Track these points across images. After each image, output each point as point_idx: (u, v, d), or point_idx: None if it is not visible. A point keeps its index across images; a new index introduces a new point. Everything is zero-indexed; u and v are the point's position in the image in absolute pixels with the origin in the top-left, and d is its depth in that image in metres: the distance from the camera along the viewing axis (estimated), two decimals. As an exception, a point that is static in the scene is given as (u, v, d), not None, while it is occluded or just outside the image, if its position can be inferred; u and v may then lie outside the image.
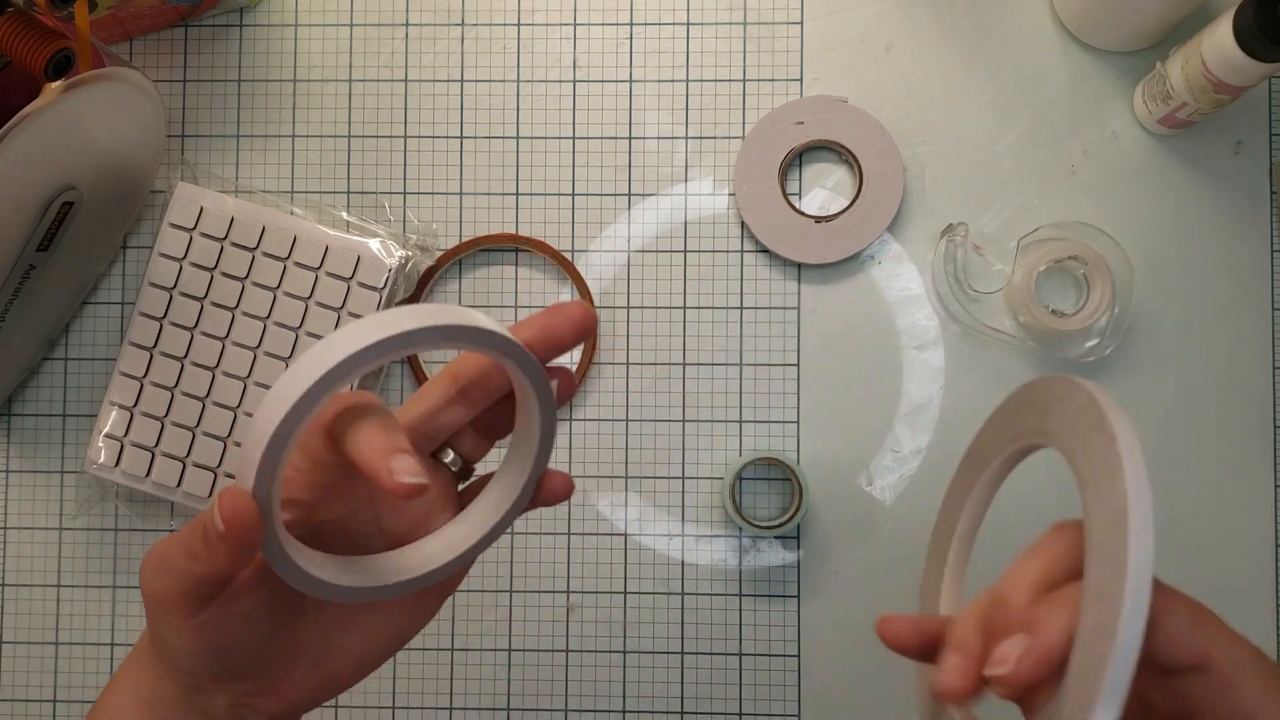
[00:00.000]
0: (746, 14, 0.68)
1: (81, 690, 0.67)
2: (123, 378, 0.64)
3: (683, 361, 0.67)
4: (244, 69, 0.69)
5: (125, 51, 0.69)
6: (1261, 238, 0.66)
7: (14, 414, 0.69)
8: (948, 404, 0.66)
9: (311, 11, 0.69)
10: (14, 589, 0.68)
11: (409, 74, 0.68)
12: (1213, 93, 0.59)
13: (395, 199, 0.68)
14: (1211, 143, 0.66)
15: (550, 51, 0.68)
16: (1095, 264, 0.63)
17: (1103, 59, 0.67)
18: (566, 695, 0.66)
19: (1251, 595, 0.65)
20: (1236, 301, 0.66)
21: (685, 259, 0.67)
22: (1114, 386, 0.66)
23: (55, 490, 0.68)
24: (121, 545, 0.68)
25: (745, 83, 0.68)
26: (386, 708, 0.66)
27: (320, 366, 0.31)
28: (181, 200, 0.65)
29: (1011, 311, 0.66)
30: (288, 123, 0.68)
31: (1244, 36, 0.55)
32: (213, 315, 0.64)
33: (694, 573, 0.66)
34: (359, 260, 0.64)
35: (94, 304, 0.68)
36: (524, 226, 0.68)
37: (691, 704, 0.66)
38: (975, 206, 0.67)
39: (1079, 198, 0.66)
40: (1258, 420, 0.65)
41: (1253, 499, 0.65)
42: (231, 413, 0.64)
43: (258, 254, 0.64)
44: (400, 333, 0.32)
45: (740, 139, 0.67)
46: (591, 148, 0.68)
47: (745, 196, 0.66)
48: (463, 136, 0.68)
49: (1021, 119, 0.67)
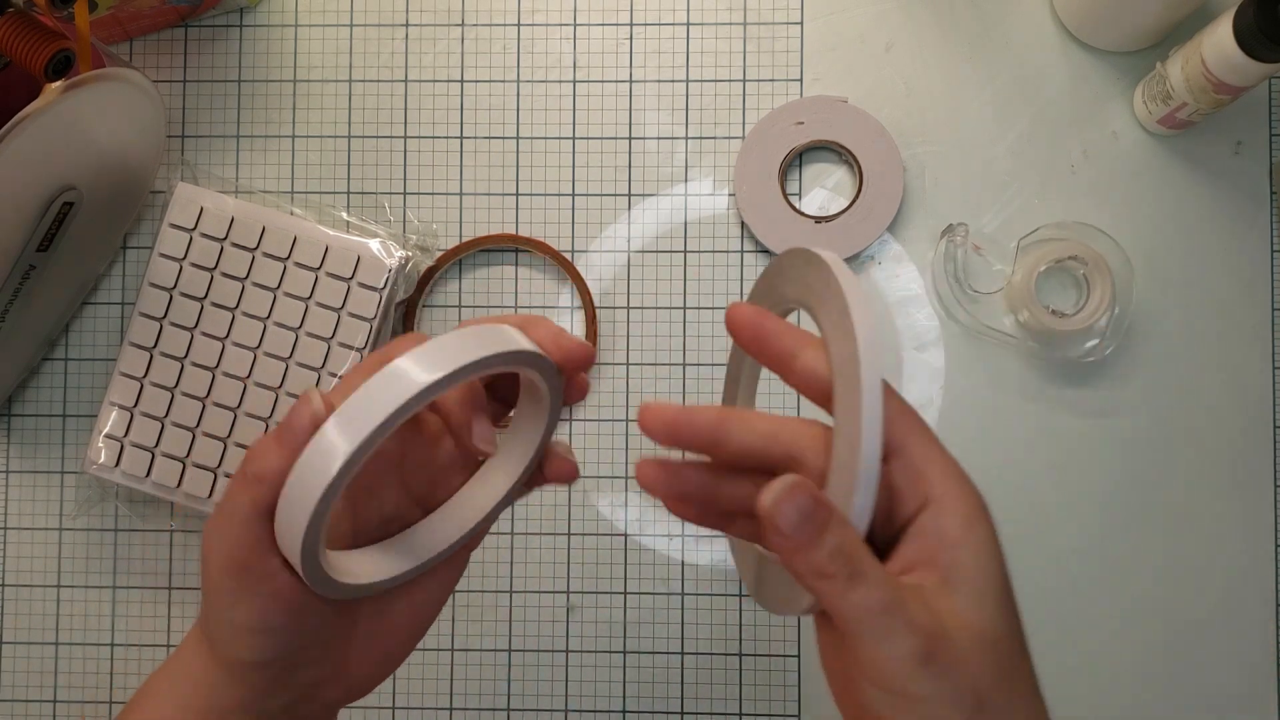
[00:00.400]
0: (746, 14, 0.68)
1: (81, 690, 0.67)
2: (123, 378, 0.64)
3: (683, 362, 0.67)
4: (244, 69, 0.69)
5: (125, 52, 0.69)
6: (1261, 238, 0.66)
7: (14, 414, 0.69)
8: (948, 404, 0.66)
9: (311, 11, 0.69)
10: (14, 589, 0.68)
11: (409, 74, 0.68)
12: (1213, 93, 0.59)
13: (395, 199, 0.68)
14: (1211, 143, 0.66)
15: (550, 51, 0.68)
16: (1095, 264, 0.63)
17: (1103, 59, 0.67)
18: (566, 695, 0.66)
19: (1251, 595, 0.65)
20: (1236, 301, 0.66)
21: (685, 259, 0.67)
22: (1114, 386, 0.66)
23: (55, 490, 0.68)
24: (121, 546, 0.68)
25: (745, 83, 0.68)
26: (386, 708, 0.66)
27: (383, 406, 0.31)
28: (181, 200, 0.65)
29: (1011, 312, 0.66)
30: (288, 123, 0.68)
31: (1244, 37, 0.55)
32: (213, 315, 0.64)
33: (694, 573, 0.66)
34: (359, 260, 0.64)
35: (94, 304, 0.68)
36: (524, 227, 0.68)
37: (691, 704, 0.66)
38: (975, 206, 0.67)
39: (1079, 198, 0.66)
40: (1257, 420, 0.65)
41: (1252, 499, 0.65)
42: (231, 413, 0.64)
43: (258, 254, 0.64)
44: (468, 363, 0.32)
45: (740, 139, 0.67)
46: (591, 148, 0.68)
47: (745, 197, 0.66)
48: (463, 136, 0.68)
49: (1021, 119, 0.67)
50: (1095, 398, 0.66)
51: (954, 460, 0.34)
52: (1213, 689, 0.65)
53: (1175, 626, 0.65)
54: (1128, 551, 0.65)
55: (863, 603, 0.31)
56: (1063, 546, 0.65)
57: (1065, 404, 0.66)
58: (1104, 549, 0.65)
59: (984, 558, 0.33)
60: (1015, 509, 0.66)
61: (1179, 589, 0.65)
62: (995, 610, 0.32)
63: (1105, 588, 0.65)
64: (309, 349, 0.63)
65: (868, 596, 0.31)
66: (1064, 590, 0.65)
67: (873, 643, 0.31)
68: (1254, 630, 0.65)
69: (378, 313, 0.63)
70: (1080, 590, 0.65)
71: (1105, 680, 0.65)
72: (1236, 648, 0.65)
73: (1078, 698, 0.65)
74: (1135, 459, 0.66)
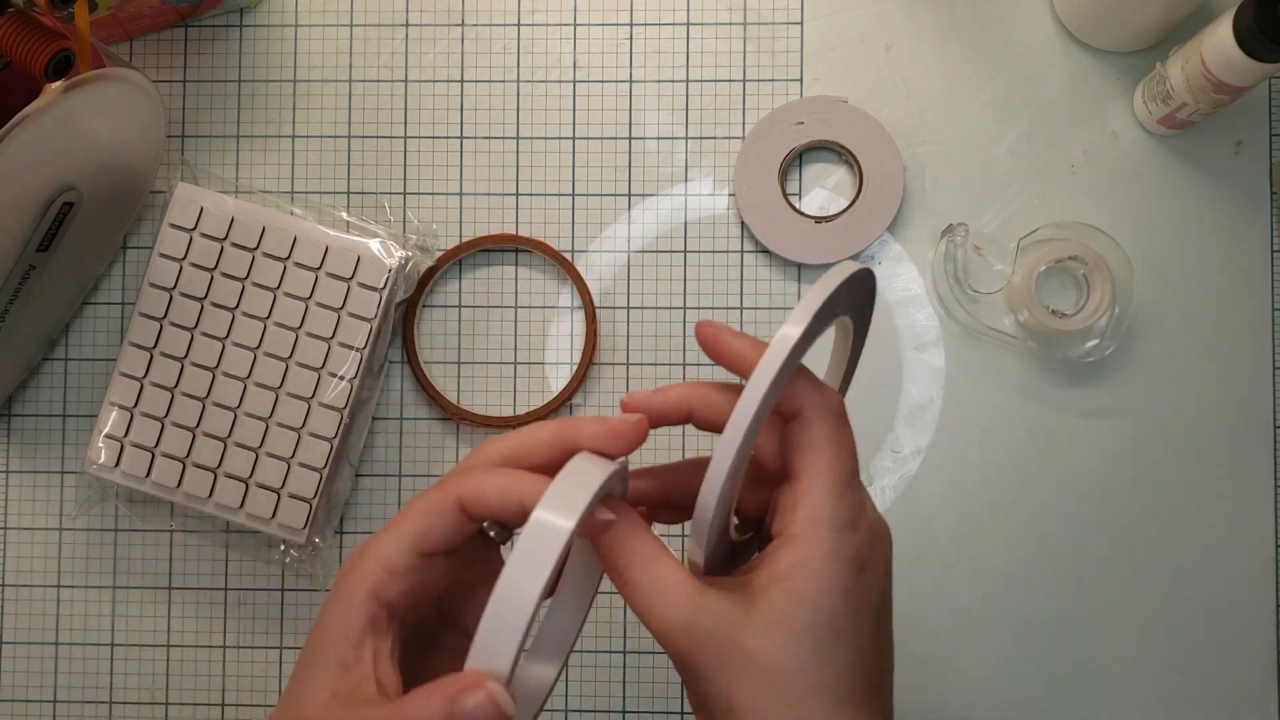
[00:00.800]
0: (746, 14, 0.68)
1: (81, 690, 0.67)
2: (123, 378, 0.64)
3: (683, 362, 0.67)
4: (244, 69, 0.69)
5: (125, 52, 0.69)
6: (1261, 238, 0.66)
7: (14, 414, 0.69)
8: (948, 404, 0.66)
9: (311, 11, 0.69)
10: (14, 589, 0.68)
11: (409, 74, 0.68)
12: (1213, 93, 0.59)
13: (395, 199, 0.68)
14: (1211, 143, 0.66)
15: (550, 51, 0.68)
16: (1095, 264, 0.63)
17: (1103, 59, 0.67)
18: (566, 695, 0.66)
19: (1252, 595, 0.65)
20: (1237, 301, 0.66)
21: (685, 259, 0.67)
22: (1114, 386, 0.66)
23: (55, 491, 0.68)
24: (121, 546, 0.68)
25: (745, 83, 0.68)
26: (386, 708, 0.66)
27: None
28: (181, 200, 0.65)
29: (1012, 312, 0.66)
30: (288, 123, 0.68)
31: (1244, 37, 0.55)
32: (213, 316, 0.64)
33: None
34: (359, 260, 0.64)
35: (94, 304, 0.68)
36: (524, 227, 0.68)
37: (691, 704, 0.66)
38: (975, 206, 0.67)
39: (1079, 198, 0.66)
40: (1258, 420, 0.65)
41: (1253, 499, 0.65)
42: (231, 413, 0.64)
43: (258, 254, 0.64)
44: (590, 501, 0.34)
45: (740, 139, 0.67)
46: (591, 148, 0.68)
47: (745, 197, 0.66)
48: (463, 136, 0.68)
49: (1021, 119, 0.67)
50: (1095, 398, 0.66)
51: (837, 489, 0.36)
52: (1214, 688, 0.65)
53: (1176, 626, 0.65)
54: (1128, 551, 0.65)
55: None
56: (1063, 546, 0.65)
57: (1065, 404, 0.66)
58: (1104, 549, 0.65)
59: (808, 603, 0.35)
60: (1015, 509, 0.66)
61: (1180, 588, 0.65)
62: (795, 646, 0.34)
63: (1105, 587, 0.65)
64: (309, 349, 0.63)
65: (629, 595, 0.37)
66: (1064, 590, 0.65)
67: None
68: (1255, 629, 0.65)
69: (378, 313, 0.63)
70: (1080, 589, 0.65)
71: (1106, 679, 0.65)
72: (1237, 647, 0.65)
73: (1078, 696, 0.65)
74: (1135, 459, 0.66)
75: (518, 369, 0.67)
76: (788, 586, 0.35)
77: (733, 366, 0.38)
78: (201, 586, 0.67)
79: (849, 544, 0.35)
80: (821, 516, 0.35)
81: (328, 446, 0.63)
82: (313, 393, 0.63)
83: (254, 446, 0.63)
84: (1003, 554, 0.66)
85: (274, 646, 0.67)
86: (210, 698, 0.67)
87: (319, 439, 0.63)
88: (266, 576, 0.67)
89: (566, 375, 0.67)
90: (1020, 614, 0.65)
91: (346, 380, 0.63)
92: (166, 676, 0.67)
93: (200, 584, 0.67)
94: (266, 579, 0.67)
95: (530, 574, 0.32)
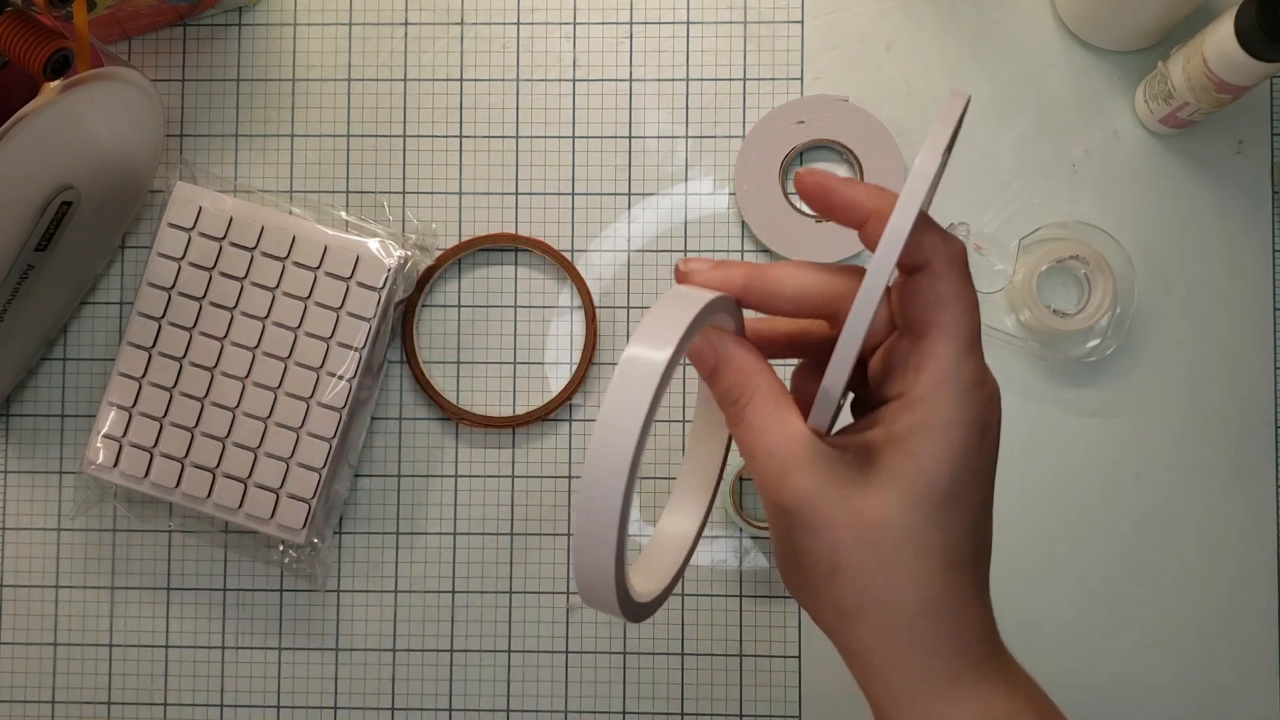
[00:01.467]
0: (746, 13, 0.68)
1: (79, 691, 0.67)
2: (121, 378, 0.64)
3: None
4: (243, 68, 0.69)
5: (124, 51, 0.69)
6: (1263, 238, 0.66)
7: (12, 414, 0.68)
8: (948, 404, 0.66)
9: (310, 11, 0.68)
10: (12, 589, 0.68)
11: (408, 73, 0.68)
12: (1214, 92, 0.59)
13: (394, 199, 0.68)
14: (1213, 142, 0.66)
15: (550, 51, 0.68)
16: (1097, 264, 0.63)
17: (1104, 58, 0.67)
18: (566, 696, 0.66)
19: (1253, 595, 0.65)
20: (1238, 301, 0.66)
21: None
22: (1116, 386, 0.66)
23: (54, 491, 0.68)
24: (120, 546, 0.68)
25: (745, 82, 0.68)
26: (386, 709, 0.66)
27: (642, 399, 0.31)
28: (180, 200, 0.65)
29: (1013, 311, 0.66)
30: (287, 122, 0.68)
31: (1245, 36, 0.55)
32: (211, 315, 0.64)
33: (694, 573, 0.66)
34: (358, 260, 0.63)
35: (93, 304, 0.68)
36: (524, 226, 0.67)
37: (691, 705, 0.66)
38: (976, 206, 0.66)
39: (1080, 197, 0.66)
40: (1259, 419, 0.65)
41: (1254, 498, 0.65)
42: (230, 413, 0.63)
43: (256, 254, 0.64)
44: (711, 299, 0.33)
45: (740, 138, 0.67)
46: (591, 147, 0.68)
47: (745, 196, 0.66)
48: (462, 136, 0.68)
49: (1022, 118, 0.67)
50: (1097, 397, 0.66)
51: (965, 354, 0.34)
52: (1215, 686, 0.65)
53: (1177, 624, 0.65)
54: (1130, 550, 0.65)
55: (739, 438, 0.35)
56: (1064, 546, 0.65)
57: (1066, 404, 0.66)
58: (1105, 548, 0.65)
59: (929, 467, 0.34)
60: (1016, 509, 0.65)
61: (1181, 588, 0.65)
62: (908, 511, 0.33)
63: (1106, 586, 0.65)
64: (308, 349, 0.63)
65: (742, 435, 0.35)
66: (1065, 589, 0.65)
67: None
68: (1256, 629, 0.65)
69: (377, 312, 0.63)
70: (1081, 589, 0.65)
71: (1107, 678, 0.65)
72: (1238, 646, 0.65)
73: (1079, 695, 0.64)
74: (1137, 458, 0.66)
75: (517, 369, 0.67)
76: (908, 449, 0.33)
77: (845, 217, 0.36)
78: (200, 587, 0.67)
79: (973, 406, 0.34)
80: (949, 377, 0.34)
81: (326, 446, 0.63)
82: (311, 392, 0.63)
83: (253, 447, 0.63)
84: (1003, 553, 0.66)
85: (272, 647, 0.67)
86: (209, 698, 0.67)
87: (318, 439, 0.63)
88: (265, 577, 0.67)
89: (566, 375, 0.67)
90: (1020, 614, 0.65)
91: (345, 380, 0.63)
92: (165, 677, 0.67)
93: (199, 584, 0.67)
94: (265, 579, 0.67)
95: (626, 417, 0.31)
